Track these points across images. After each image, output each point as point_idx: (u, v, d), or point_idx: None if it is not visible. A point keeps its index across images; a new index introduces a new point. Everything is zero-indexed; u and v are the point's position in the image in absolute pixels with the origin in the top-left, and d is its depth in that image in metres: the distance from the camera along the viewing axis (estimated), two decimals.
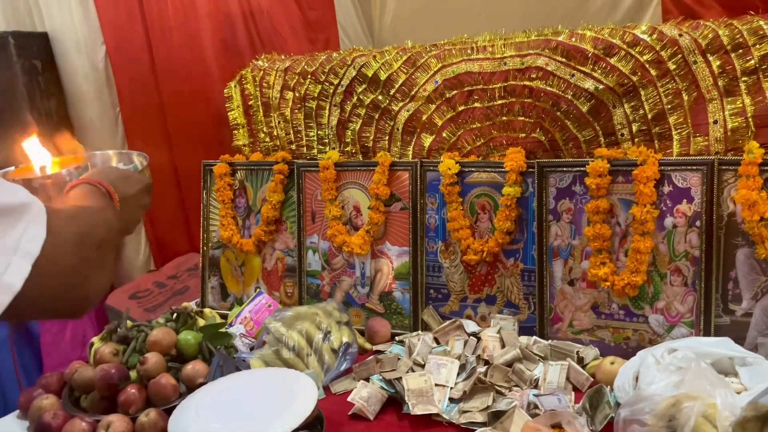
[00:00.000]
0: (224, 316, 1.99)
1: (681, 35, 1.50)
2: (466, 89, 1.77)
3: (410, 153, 1.91)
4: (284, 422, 1.25)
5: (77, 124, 2.78)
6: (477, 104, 1.77)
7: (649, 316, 1.56)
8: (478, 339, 1.62)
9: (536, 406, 1.34)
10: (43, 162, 1.09)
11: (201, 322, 1.79)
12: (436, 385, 1.46)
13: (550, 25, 1.71)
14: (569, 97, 1.62)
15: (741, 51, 1.45)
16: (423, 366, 1.55)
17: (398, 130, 1.90)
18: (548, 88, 1.65)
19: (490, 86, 1.73)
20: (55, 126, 2.69)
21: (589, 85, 1.59)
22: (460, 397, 1.45)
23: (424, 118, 1.85)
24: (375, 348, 1.79)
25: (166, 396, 1.50)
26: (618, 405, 1.28)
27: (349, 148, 2.02)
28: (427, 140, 1.86)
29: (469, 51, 1.76)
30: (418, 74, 1.83)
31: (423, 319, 1.84)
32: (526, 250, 1.72)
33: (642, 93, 1.56)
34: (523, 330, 1.71)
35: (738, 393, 1.20)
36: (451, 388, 1.47)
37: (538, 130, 1.71)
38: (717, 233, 1.47)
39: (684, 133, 1.55)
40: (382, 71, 1.87)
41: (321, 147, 2.08)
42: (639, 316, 1.57)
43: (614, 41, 1.55)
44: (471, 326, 1.70)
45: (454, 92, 1.79)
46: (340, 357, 1.64)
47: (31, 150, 1.09)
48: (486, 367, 1.50)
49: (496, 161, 1.74)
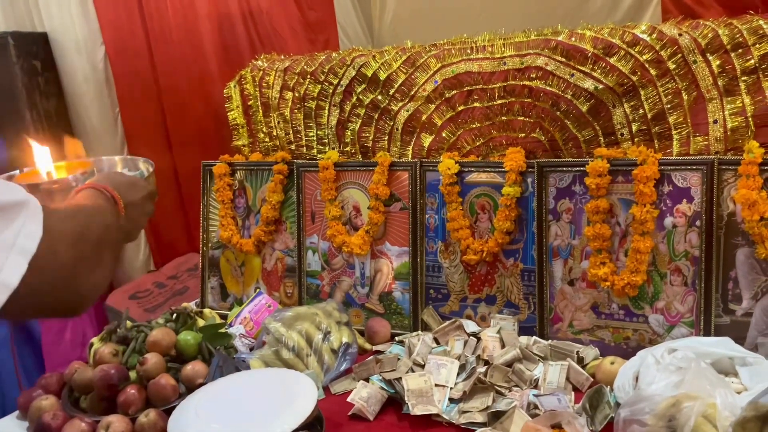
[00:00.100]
0: (224, 317, 1.99)
1: (681, 35, 1.50)
2: (465, 89, 1.77)
3: (410, 153, 1.90)
4: (284, 423, 1.25)
5: (77, 125, 2.78)
6: (476, 104, 1.76)
7: (649, 316, 1.56)
8: (478, 339, 1.62)
9: (536, 407, 1.34)
10: (49, 167, 1.09)
11: (201, 322, 1.79)
12: (436, 385, 1.46)
13: (549, 25, 1.71)
14: (569, 97, 1.62)
15: (741, 50, 1.45)
16: (423, 366, 1.55)
17: (398, 130, 1.90)
18: (548, 88, 1.64)
19: (490, 86, 1.73)
20: (54, 126, 2.69)
21: (588, 84, 1.59)
22: (460, 397, 1.44)
23: (424, 118, 1.84)
24: (375, 348, 1.79)
25: (165, 396, 1.50)
26: (618, 405, 1.28)
27: (348, 148, 2.01)
28: (427, 140, 1.86)
29: (468, 51, 1.76)
30: (418, 74, 1.83)
31: (423, 319, 1.84)
32: (525, 250, 1.72)
33: (642, 93, 1.56)
34: (523, 330, 1.71)
35: (738, 393, 1.20)
36: (451, 389, 1.47)
37: (537, 130, 1.70)
38: (717, 233, 1.47)
39: (684, 132, 1.54)
40: (381, 71, 1.87)
41: (320, 147, 2.08)
42: (639, 316, 1.57)
43: (614, 41, 1.55)
44: (471, 326, 1.69)
45: (454, 92, 1.78)
46: (340, 357, 1.64)
47: (37, 151, 1.09)
48: (486, 367, 1.50)
49: (495, 161, 1.74)
